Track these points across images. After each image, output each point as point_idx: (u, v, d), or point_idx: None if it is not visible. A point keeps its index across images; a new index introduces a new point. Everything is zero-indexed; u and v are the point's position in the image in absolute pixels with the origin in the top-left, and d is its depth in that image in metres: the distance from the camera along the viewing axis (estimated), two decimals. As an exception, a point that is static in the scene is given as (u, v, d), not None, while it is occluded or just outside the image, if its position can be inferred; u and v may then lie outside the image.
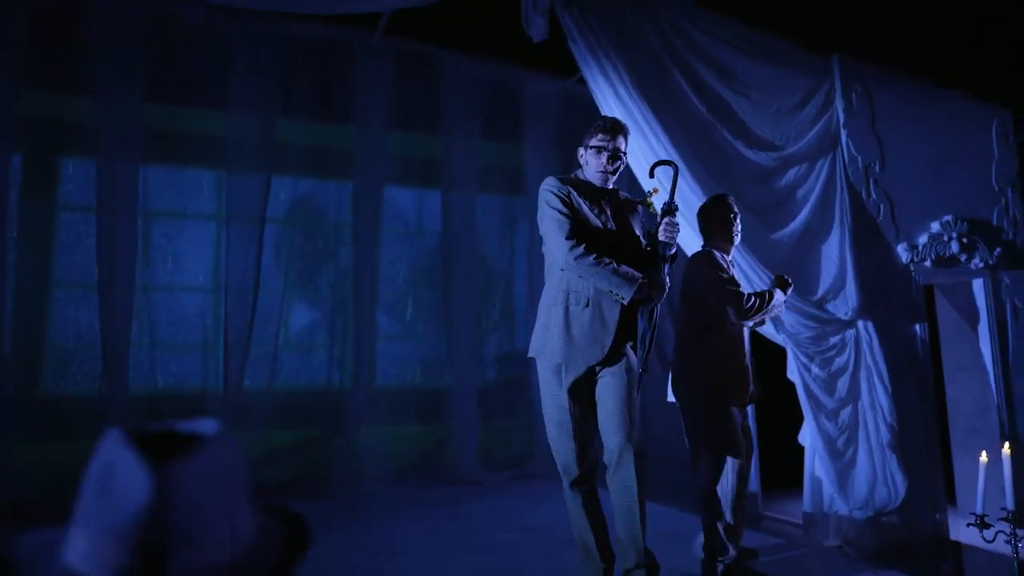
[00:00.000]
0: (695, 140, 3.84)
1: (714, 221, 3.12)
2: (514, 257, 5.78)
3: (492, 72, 5.42)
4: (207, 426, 0.70)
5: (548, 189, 2.50)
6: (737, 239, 3.15)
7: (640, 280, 2.33)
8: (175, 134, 4.73)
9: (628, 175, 4.50)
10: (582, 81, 5.39)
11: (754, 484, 4.62)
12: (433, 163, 5.39)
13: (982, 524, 2.37)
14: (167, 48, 4.54)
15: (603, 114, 3.93)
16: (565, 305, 2.39)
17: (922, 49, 4.80)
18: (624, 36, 3.79)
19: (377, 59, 5.03)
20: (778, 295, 3.03)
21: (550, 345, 2.39)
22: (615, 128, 2.55)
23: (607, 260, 2.32)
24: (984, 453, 2.49)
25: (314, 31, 4.86)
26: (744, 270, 3.74)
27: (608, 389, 2.36)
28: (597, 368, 2.38)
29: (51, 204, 4.53)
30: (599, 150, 2.52)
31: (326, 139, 5.13)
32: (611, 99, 3.71)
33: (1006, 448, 2.43)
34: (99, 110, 4.36)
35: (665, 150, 3.67)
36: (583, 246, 2.33)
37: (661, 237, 2.43)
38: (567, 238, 2.36)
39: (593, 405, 2.41)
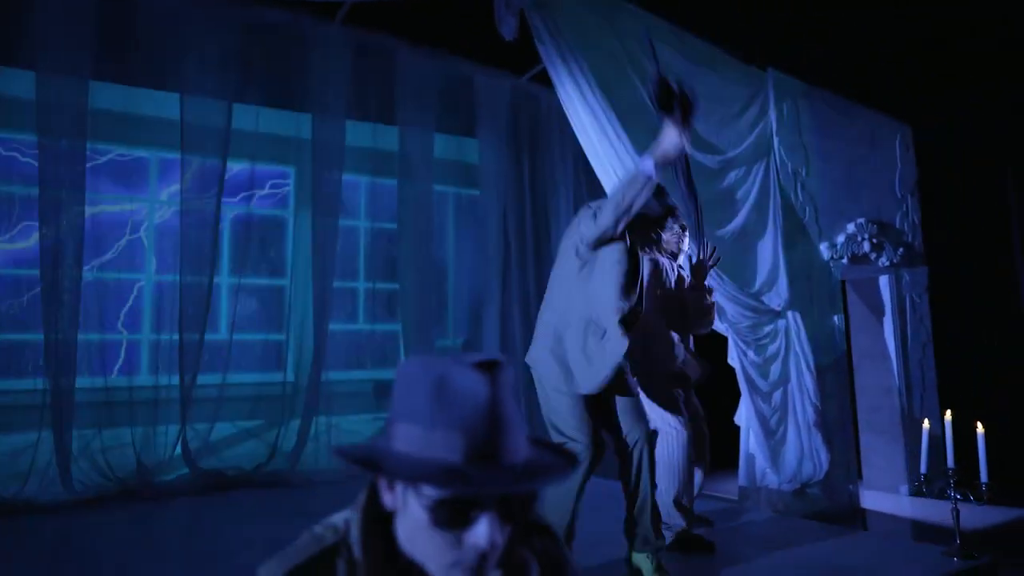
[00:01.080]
0: (651, 142, 4.12)
1: None
2: (464, 250, 5.93)
3: (446, 65, 5.54)
4: (493, 353, 0.86)
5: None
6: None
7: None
8: (126, 115, 4.58)
9: (589, 175, 4.76)
10: (535, 79, 5.64)
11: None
12: (389, 154, 5.45)
13: (927, 482, 2.74)
14: (119, 27, 4.39)
15: (567, 113, 4.16)
16: (584, 334, 2.45)
17: (843, 67, 5.31)
18: (588, 40, 4.02)
19: (335, 48, 5.04)
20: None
21: (564, 365, 2.48)
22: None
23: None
24: (927, 420, 2.89)
25: (272, 17, 4.83)
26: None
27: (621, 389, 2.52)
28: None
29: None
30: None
31: (282, 126, 5.10)
32: (576, 100, 3.93)
33: (926, 423, 2.81)
34: (43, 86, 4.17)
35: (625, 149, 3.93)
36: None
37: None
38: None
39: (599, 405, 2.53)
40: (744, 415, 4.44)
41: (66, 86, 4.21)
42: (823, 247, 5.05)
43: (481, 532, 0.79)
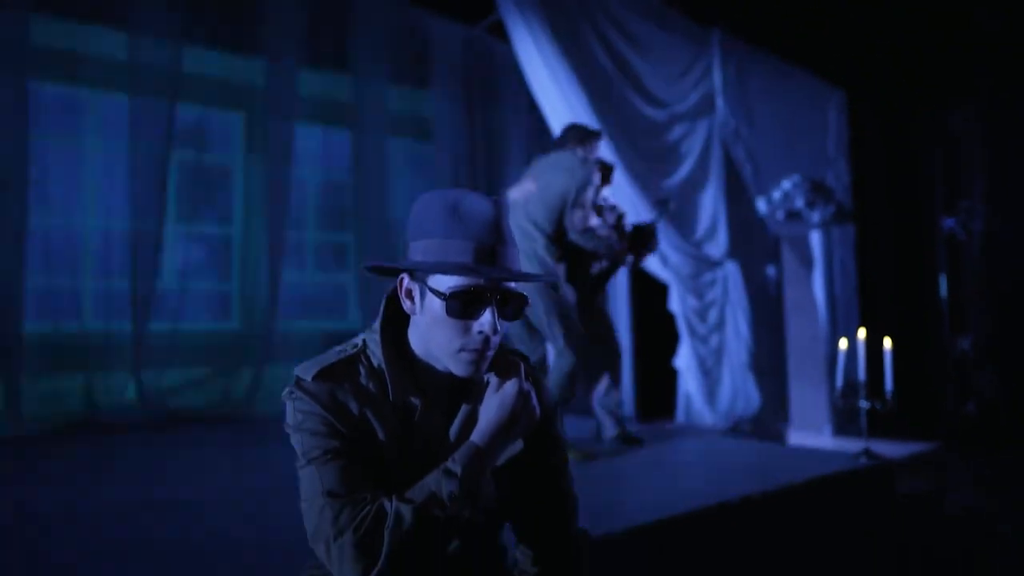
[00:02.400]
0: (602, 96, 4.29)
1: None
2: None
3: (401, 13, 5.53)
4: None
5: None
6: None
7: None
8: (68, 53, 4.46)
9: (541, 128, 4.89)
10: (490, 30, 5.68)
11: (630, 407, 5.29)
12: (340, 104, 5.44)
13: (848, 393, 3.04)
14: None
15: (522, 64, 4.27)
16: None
17: (785, 30, 5.55)
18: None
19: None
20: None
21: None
22: None
23: None
24: (844, 339, 3.18)
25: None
26: (639, 209, 4.28)
27: None
28: None
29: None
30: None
31: (233, 71, 5.04)
32: (532, 51, 4.05)
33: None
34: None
35: (579, 100, 4.07)
36: None
37: None
38: None
39: None
40: (683, 357, 4.73)
41: (3, 21, 4.08)
42: (760, 202, 5.34)
43: (485, 319, 1.03)
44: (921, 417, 5.55)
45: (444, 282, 1.03)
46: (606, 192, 3.51)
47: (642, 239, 3.37)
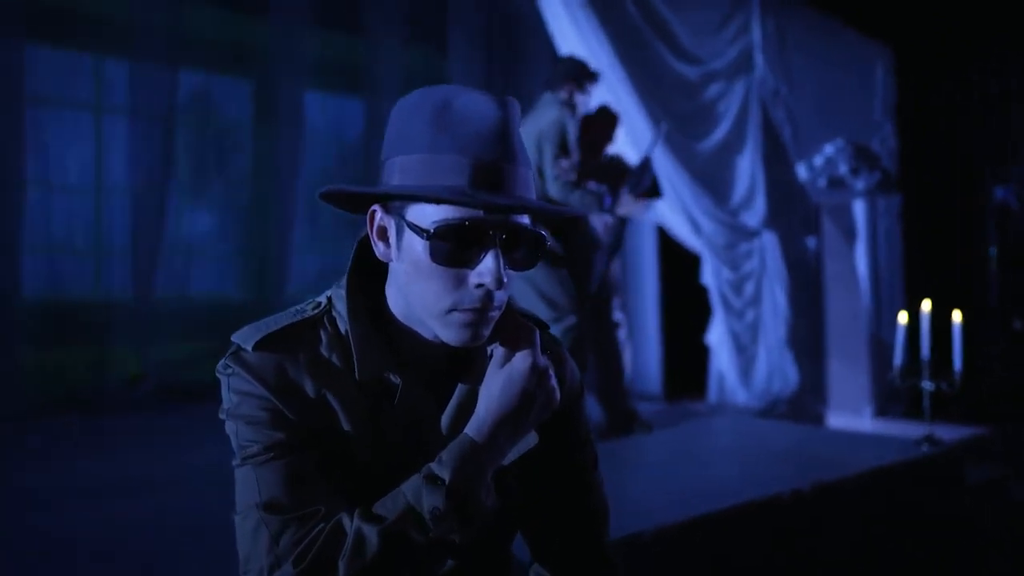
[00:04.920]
0: (631, 53, 3.95)
1: None
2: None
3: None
4: None
5: None
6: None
7: None
8: (65, 12, 4.24)
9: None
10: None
11: (657, 387, 5.01)
12: (354, 68, 5.17)
13: (908, 373, 2.73)
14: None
15: (546, 20, 3.96)
16: None
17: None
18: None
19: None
20: None
21: None
22: None
23: None
24: (904, 312, 2.85)
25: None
26: (669, 173, 3.97)
27: None
28: None
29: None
30: None
31: (239, 32, 4.79)
32: (558, 5, 3.73)
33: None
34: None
35: (608, 58, 3.75)
36: None
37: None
38: None
39: None
40: (716, 333, 4.43)
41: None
42: (801, 168, 4.97)
43: (486, 266, 0.73)
44: (973, 398, 5.19)
45: (428, 215, 0.74)
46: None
47: (631, 177, 3.03)
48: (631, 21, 3.95)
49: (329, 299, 0.86)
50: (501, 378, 0.76)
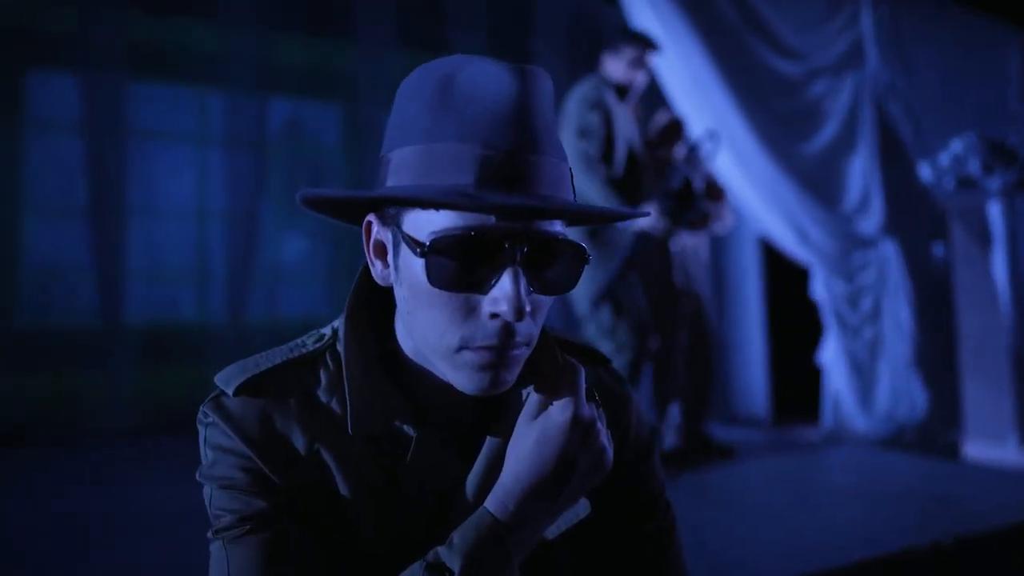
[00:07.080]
0: (724, 48, 3.68)
1: None
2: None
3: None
4: None
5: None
6: None
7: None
8: (162, 48, 4.45)
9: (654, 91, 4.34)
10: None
11: (763, 409, 4.64)
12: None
13: None
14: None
15: (630, 17, 3.76)
16: None
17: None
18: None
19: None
20: None
21: None
22: None
23: None
24: None
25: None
26: (769, 177, 3.65)
27: None
28: None
29: (16, 122, 4.24)
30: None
31: (325, 57, 4.89)
32: (644, 2, 3.52)
33: None
34: (80, 19, 4.07)
35: (698, 54, 3.50)
36: None
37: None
38: None
39: None
40: (830, 352, 4.02)
41: (110, 20, 4.12)
42: (924, 168, 4.48)
43: (501, 290, 0.55)
44: None
45: (424, 224, 0.57)
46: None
47: (663, 187, 2.74)
48: (724, 17, 3.69)
49: (335, 330, 0.69)
50: (532, 435, 0.58)
